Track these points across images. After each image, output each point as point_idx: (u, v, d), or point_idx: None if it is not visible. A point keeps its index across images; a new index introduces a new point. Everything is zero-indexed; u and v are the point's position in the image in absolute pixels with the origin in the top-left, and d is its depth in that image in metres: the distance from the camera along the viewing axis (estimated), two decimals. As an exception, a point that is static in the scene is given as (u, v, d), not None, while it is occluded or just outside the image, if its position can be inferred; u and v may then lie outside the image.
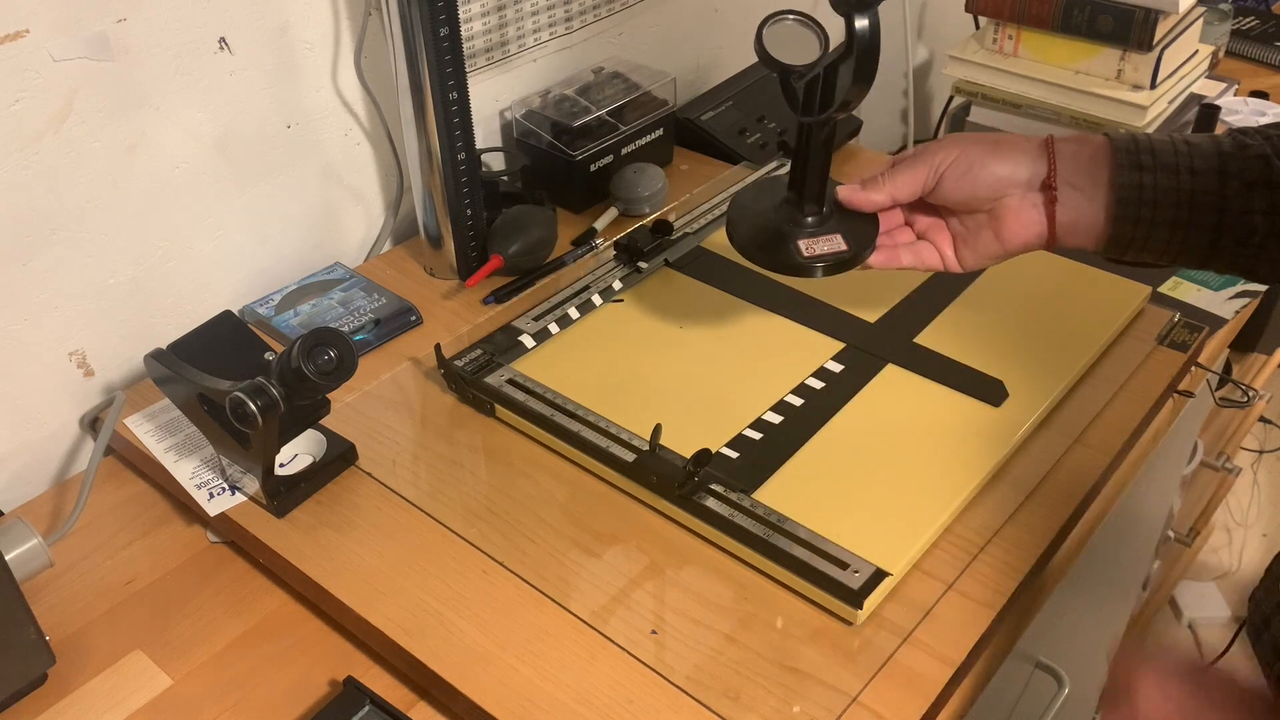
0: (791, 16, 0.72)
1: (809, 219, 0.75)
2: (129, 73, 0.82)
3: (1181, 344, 0.88)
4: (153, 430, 0.82)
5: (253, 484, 0.75)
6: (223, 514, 0.75)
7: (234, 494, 0.76)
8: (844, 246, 0.74)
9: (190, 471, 0.79)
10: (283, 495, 0.74)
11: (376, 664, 0.68)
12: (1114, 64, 1.28)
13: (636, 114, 1.12)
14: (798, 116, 0.72)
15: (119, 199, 0.85)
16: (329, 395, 0.73)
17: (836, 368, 0.85)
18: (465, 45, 0.96)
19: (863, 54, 0.67)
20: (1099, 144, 0.68)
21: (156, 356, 0.74)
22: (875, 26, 0.68)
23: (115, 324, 0.88)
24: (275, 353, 0.70)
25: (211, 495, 0.77)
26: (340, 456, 0.78)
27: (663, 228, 0.99)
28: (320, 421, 0.77)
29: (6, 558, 0.63)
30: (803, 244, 0.74)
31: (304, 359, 0.65)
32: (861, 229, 0.75)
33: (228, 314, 0.80)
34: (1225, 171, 0.65)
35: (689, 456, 0.72)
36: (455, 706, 0.65)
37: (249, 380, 0.67)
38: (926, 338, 0.88)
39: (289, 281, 0.99)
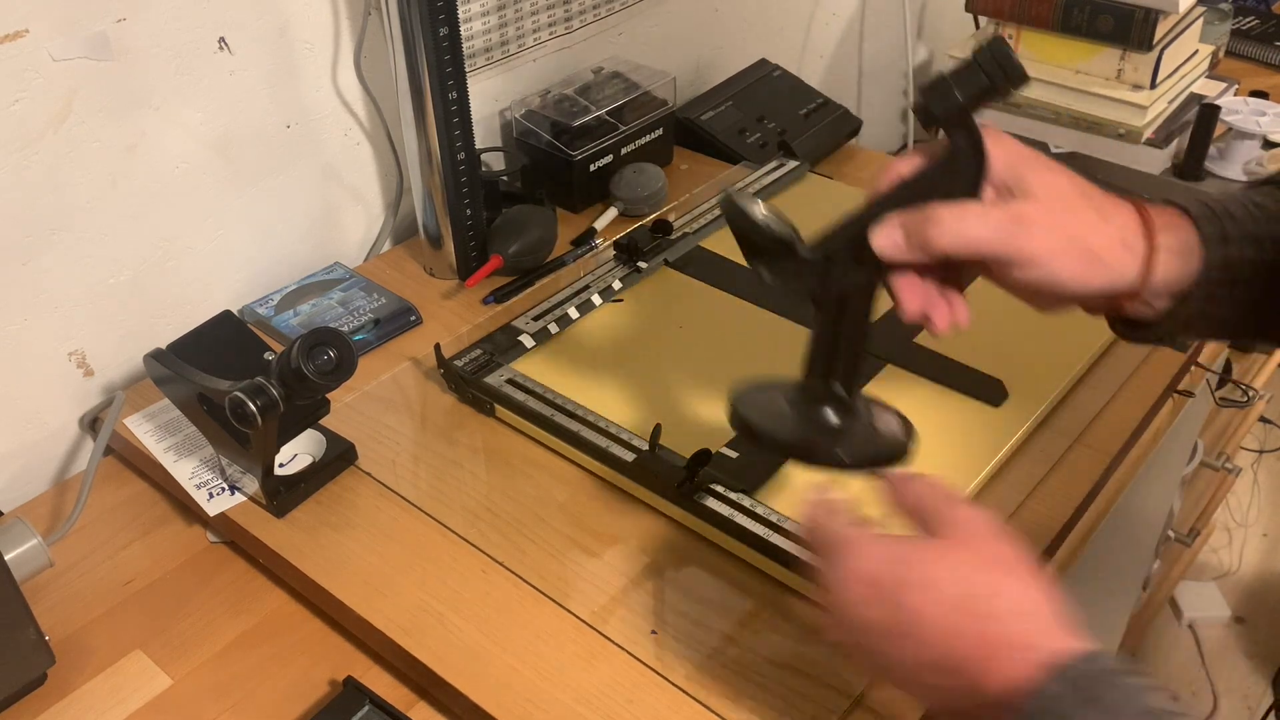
0: (761, 208, 0.59)
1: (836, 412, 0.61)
2: (129, 72, 0.82)
3: (1181, 344, 0.88)
4: (152, 430, 0.82)
5: (252, 484, 0.75)
6: (222, 514, 0.75)
7: (233, 494, 0.76)
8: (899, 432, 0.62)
9: (190, 471, 0.79)
10: (282, 495, 0.74)
11: (376, 664, 0.68)
12: (1114, 64, 1.28)
13: (636, 114, 1.11)
14: (822, 295, 0.58)
15: (119, 199, 0.85)
16: (329, 395, 0.73)
17: (836, 368, 0.85)
18: (465, 45, 0.96)
19: (968, 167, 0.53)
20: (1178, 217, 0.56)
21: (156, 356, 0.74)
22: (979, 144, 0.53)
23: (115, 324, 0.88)
24: (275, 353, 0.70)
25: (211, 495, 0.77)
26: (340, 456, 0.78)
27: (662, 227, 0.99)
28: (320, 421, 0.77)
29: (6, 558, 0.63)
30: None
31: (303, 359, 0.65)
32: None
33: (227, 314, 0.80)
34: None
35: (689, 456, 0.72)
36: (455, 706, 0.65)
37: (249, 380, 0.67)
38: (926, 338, 0.88)
39: (289, 281, 0.99)
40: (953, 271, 0.55)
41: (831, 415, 0.60)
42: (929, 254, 0.52)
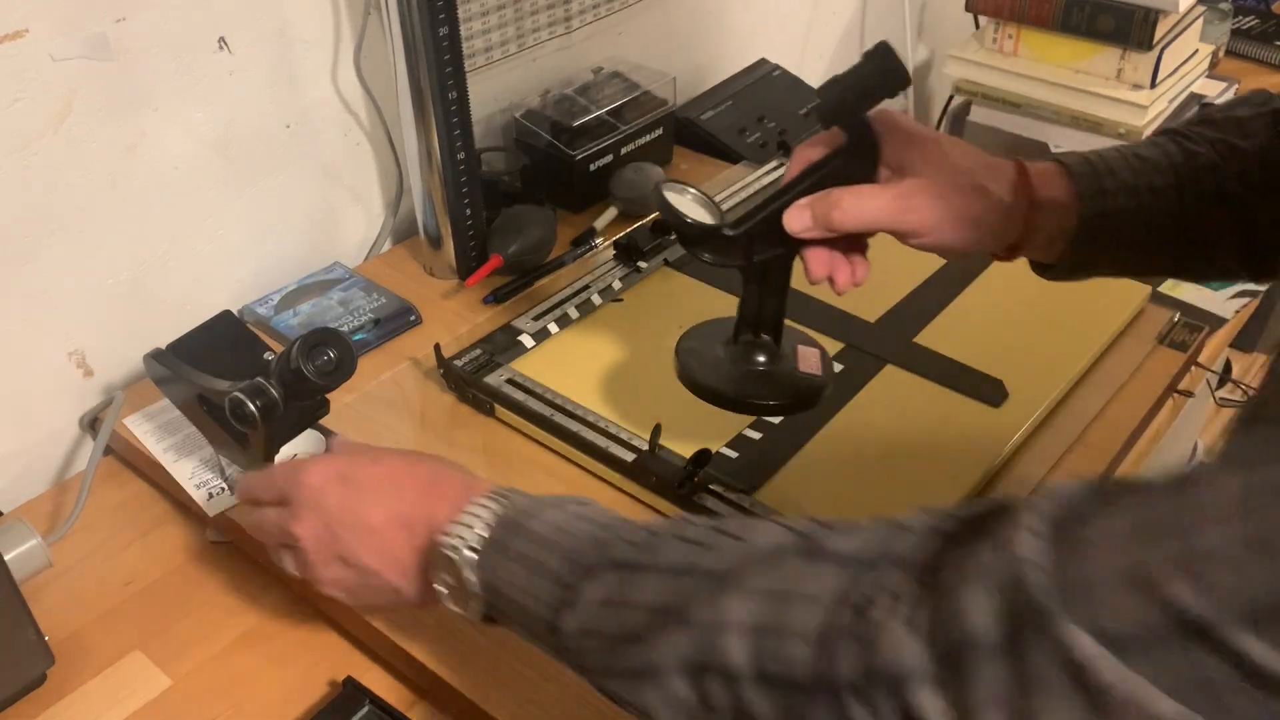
0: (677, 183, 0.68)
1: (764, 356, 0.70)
2: (129, 73, 0.82)
3: (1181, 344, 0.88)
4: (152, 430, 0.82)
5: None
6: (222, 514, 0.75)
7: (233, 494, 0.76)
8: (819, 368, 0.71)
9: (190, 471, 0.79)
10: None
11: (376, 664, 0.68)
12: (1114, 63, 1.28)
13: (636, 114, 1.11)
14: (742, 261, 0.66)
15: (119, 199, 0.85)
16: (329, 395, 0.72)
17: (836, 367, 0.85)
18: (465, 45, 0.96)
19: (863, 159, 0.61)
20: (1056, 172, 0.64)
21: (155, 357, 0.73)
22: (875, 138, 0.62)
23: (115, 324, 0.88)
24: (274, 353, 0.70)
25: (211, 495, 0.77)
26: None
27: (662, 227, 0.99)
28: (320, 421, 0.77)
29: (6, 558, 0.63)
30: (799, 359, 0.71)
31: (303, 359, 0.65)
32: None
33: (226, 314, 0.80)
34: (1183, 186, 0.63)
35: (689, 457, 0.72)
36: (455, 707, 0.65)
37: (248, 380, 0.67)
38: (926, 338, 0.88)
39: (289, 281, 0.99)
40: (856, 239, 0.63)
41: (760, 365, 0.69)
42: (831, 231, 0.61)
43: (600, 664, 0.48)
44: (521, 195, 1.04)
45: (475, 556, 0.53)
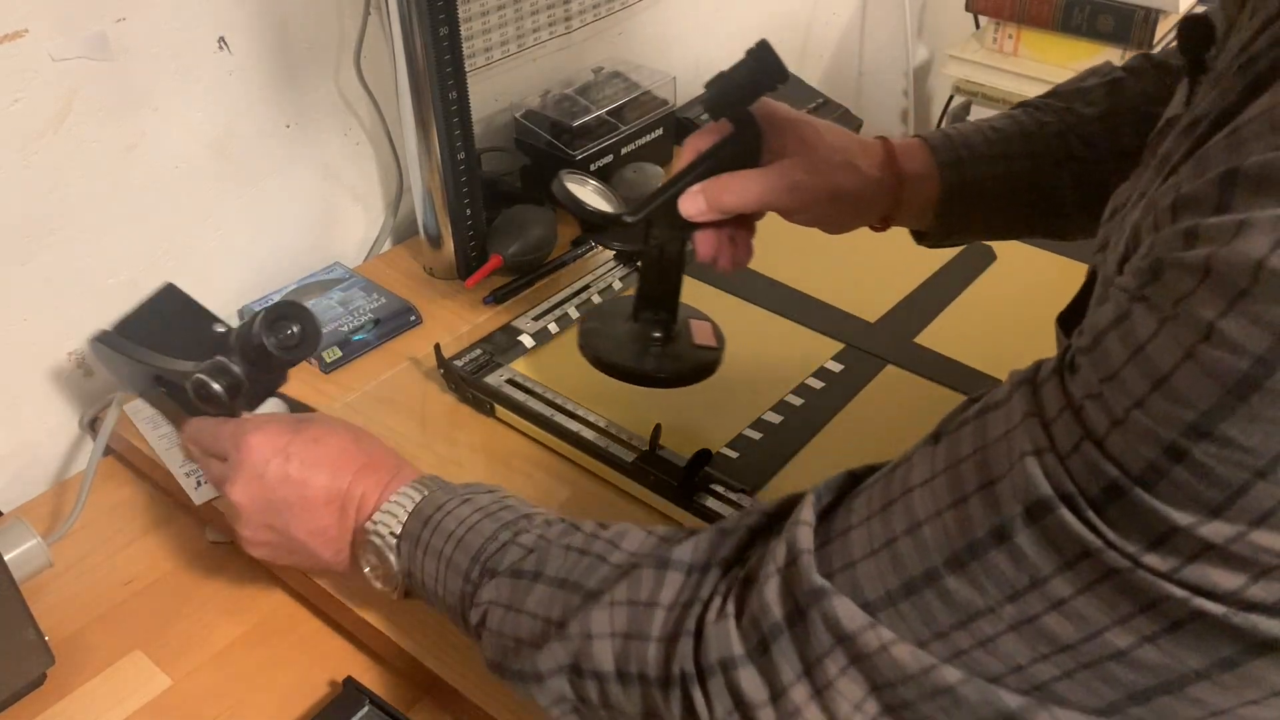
0: (577, 173, 0.74)
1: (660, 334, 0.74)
2: (128, 72, 0.82)
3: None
4: (149, 417, 0.83)
5: None
6: (208, 503, 0.75)
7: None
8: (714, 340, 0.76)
9: (181, 459, 0.79)
10: None
11: (376, 664, 0.68)
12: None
13: (636, 114, 1.11)
14: (642, 246, 0.71)
15: (118, 199, 0.85)
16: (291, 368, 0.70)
17: (836, 368, 0.85)
18: (465, 45, 0.96)
19: (747, 151, 0.67)
20: (919, 147, 0.69)
21: (104, 340, 0.70)
22: (758, 129, 0.67)
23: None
24: (225, 325, 0.68)
25: (199, 483, 0.77)
26: None
27: (663, 227, 0.99)
28: (281, 390, 0.73)
29: (6, 558, 0.63)
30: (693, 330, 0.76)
31: (266, 333, 0.64)
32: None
33: (170, 287, 0.76)
34: (1036, 154, 0.68)
35: (690, 457, 0.72)
36: (455, 706, 0.65)
37: (210, 360, 0.65)
38: (926, 338, 0.88)
39: (289, 281, 0.99)
40: (744, 223, 0.69)
41: (657, 340, 0.73)
42: (724, 213, 0.66)
43: (498, 659, 0.53)
44: (521, 195, 1.04)
45: (395, 542, 0.58)
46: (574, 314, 0.91)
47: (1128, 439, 0.34)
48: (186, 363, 0.67)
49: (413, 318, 0.94)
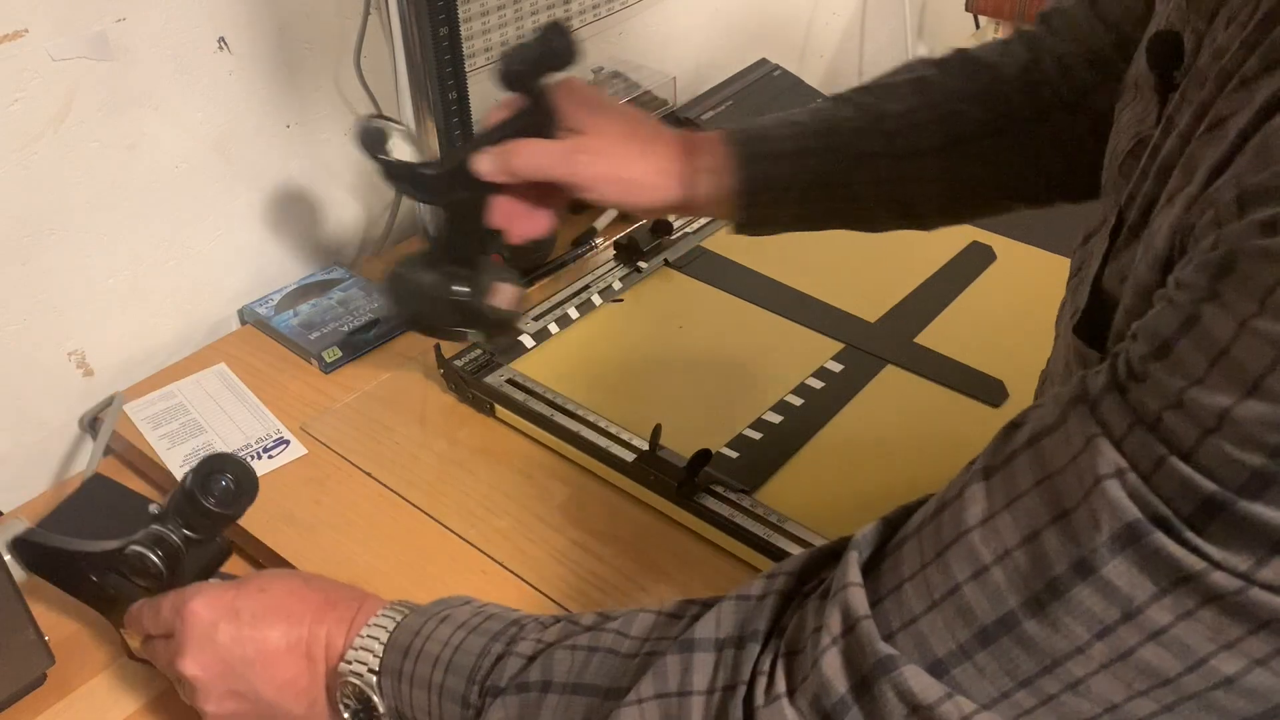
0: (381, 119, 0.76)
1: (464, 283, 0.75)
2: (128, 72, 0.82)
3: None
4: (149, 418, 0.83)
5: None
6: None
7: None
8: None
9: (181, 459, 0.79)
10: None
11: (376, 664, 0.68)
12: (1114, 64, 1.28)
13: (636, 114, 1.11)
14: (444, 200, 0.73)
15: (118, 199, 0.85)
16: (232, 529, 0.65)
17: (836, 368, 0.85)
18: (465, 45, 0.96)
19: (546, 122, 0.68)
20: (717, 140, 0.68)
21: (18, 545, 0.64)
22: (551, 103, 0.69)
23: (115, 324, 0.88)
24: (160, 504, 0.62)
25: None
26: None
27: (662, 227, 0.99)
28: (225, 568, 0.66)
29: (6, 558, 0.63)
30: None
31: (200, 491, 0.59)
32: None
33: (98, 478, 0.73)
34: (834, 149, 0.68)
35: (689, 456, 0.72)
36: (455, 707, 0.64)
37: (143, 531, 0.61)
38: (926, 338, 0.88)
39: (289, 281, 0.99)
40: (547, 196, 0.69)
41: (453, 295, 0.73)
42: (512, 176, 0.66)
43: None
44: (521, 195, 1.04)
45: (375, 680, 0.53)
46: (574, 314, 0.91)
47: (1223, 449, 0.31)
48: (115, 541, 0.61)
49: (413, 318, 0.94)
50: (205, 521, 0.60)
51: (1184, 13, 0.44)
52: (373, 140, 0.72)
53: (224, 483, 0.60)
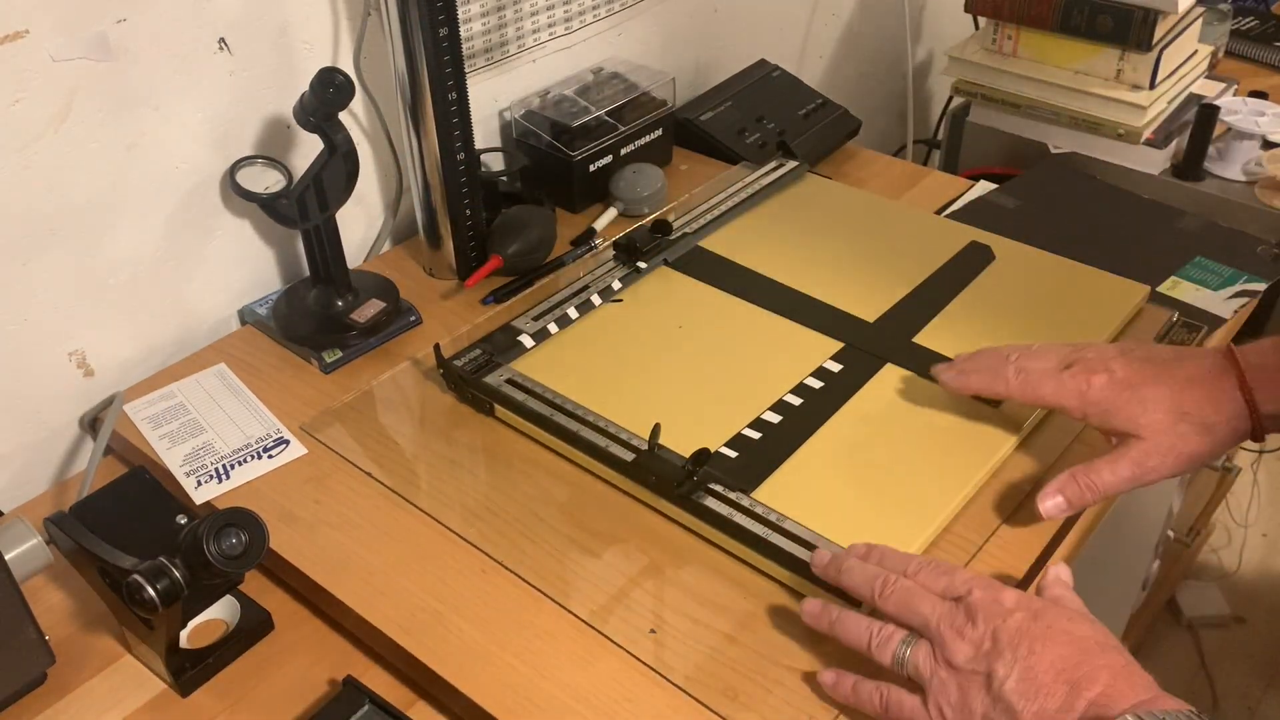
0: (260, 160, 0.91)
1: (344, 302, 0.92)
2: (129, 73, 0.82)
3: (1180, 343, 0.88)
4: (149, 418, 0.83)
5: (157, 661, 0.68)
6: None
7: (221, 482, 0.76)
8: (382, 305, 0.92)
9: (181, 458, 0.79)
10: (188, 673, 0.67)
11: (376, 664, 0.68)
12: (1113, 64, 1.28)
13: (636, 114, 1.12)
14: (300, 227, 0.88)
15: (118, 199, 0.85)
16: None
17: (836, 367, 0.85)
18: (465, 45, 0.96)
19: (346, 157, 0.84)
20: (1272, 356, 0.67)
21: (56, 522, 0.66)
22: (347, 136, 0.84)
23: (115, 324, 0.88)
24: (189, 515, 0.64)
25: (199, 483, 0.77)
26: (256, 627, 0.70)
27: (662, 228, 0.99)
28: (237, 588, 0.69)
29: (6, 558, 0.63)
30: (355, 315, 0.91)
31: (209, 541, 0.60)
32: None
33: (140, 470, 0.73)
34: None
35: (688, 456, 0.72)
36: (454, 706, 0.65)
37: (150, 560, 0.61)
38: (926, 337, 0.88)
39: (289, 281, 0.99)
40: None
41: (328, 310, 0.89)
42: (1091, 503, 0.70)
43: None
44: (521, 195, 1.04)
45: None
46: (574, 314, 0.91)
47: None
48: (129, 559, 0.62)
49: (412, 318, 0.94)
50: (204, 571, 0.61)
51: None
52: (236, 183, 0.87)
53: (235, 539, 0.61)
